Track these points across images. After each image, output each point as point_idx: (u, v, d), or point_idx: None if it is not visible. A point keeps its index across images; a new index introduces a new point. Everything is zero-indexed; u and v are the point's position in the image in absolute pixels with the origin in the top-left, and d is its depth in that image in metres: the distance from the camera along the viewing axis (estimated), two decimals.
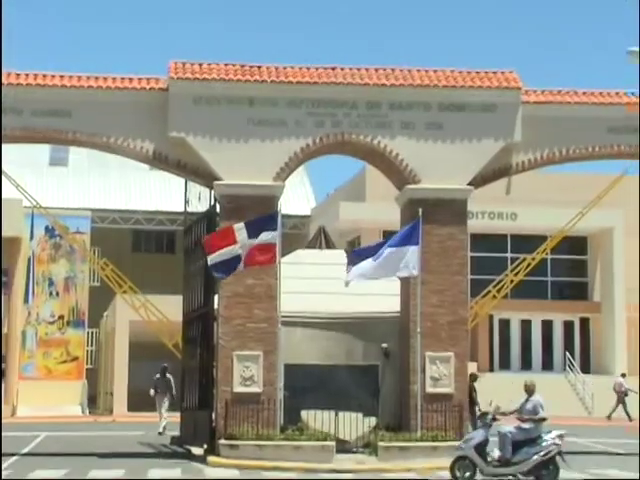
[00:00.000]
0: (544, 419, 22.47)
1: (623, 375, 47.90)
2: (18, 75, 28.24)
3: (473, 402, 35.14)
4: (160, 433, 33.14)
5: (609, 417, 45.97)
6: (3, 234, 51.56)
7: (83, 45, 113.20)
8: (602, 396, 50.74)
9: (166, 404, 34.10)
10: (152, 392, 35.56)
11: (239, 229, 26.14)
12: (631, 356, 55.30)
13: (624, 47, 33.96)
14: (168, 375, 34.85)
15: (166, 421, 33.80)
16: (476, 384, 35.02)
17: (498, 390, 48.88)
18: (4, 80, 27.77)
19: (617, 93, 29.77)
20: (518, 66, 29.64)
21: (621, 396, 44.61)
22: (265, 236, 26.21)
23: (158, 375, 35.30)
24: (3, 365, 53.06)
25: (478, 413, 34.90)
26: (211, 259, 26.36)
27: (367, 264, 26.63)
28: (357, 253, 27.95)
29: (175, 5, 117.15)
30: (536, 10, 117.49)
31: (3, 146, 31.91)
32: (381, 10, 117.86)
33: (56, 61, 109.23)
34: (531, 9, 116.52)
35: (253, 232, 26.23)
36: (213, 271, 26.79)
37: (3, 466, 25.02)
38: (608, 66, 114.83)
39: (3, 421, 45.27)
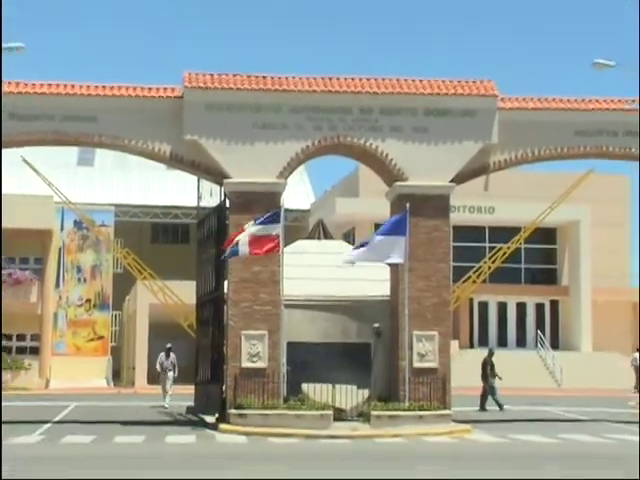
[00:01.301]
0: None
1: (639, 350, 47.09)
2: (50, 85, 28.21)
3: (486, 376, 35.22)
4: (165, 407, 32.97)
5: (636, 388, 44.78)
6: (37, 227, 51.75)
7: (102, 56, 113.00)
8: (570, 370, 50.90)
9: (170, 381, 33.91)
10: (158, 368, 35.35)
11: (250, 227, 26.17)
12: (596, 334, 55.44)
13: (594, 57, 33.92)
14: (172, 355, 34.67)
15: (169, 396, 33.59)
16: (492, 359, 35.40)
17: (478, 364, 49.10)
18: (34, 89, 27.79)
19: (583, 100, 29.69)
20: (497, 75, 29.65)
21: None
22: (270, 228, 26.20)
23: (163, 354, 35.12)
24: (36, 344, 53.23)
25: (492, 381, 35.19)
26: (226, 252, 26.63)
27: (361, 251, 26.77)
28: (359, 244, 28.09)
29: (188, 20, 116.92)
30: (516, 24, 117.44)
31: (36, 148, 31.95)
32: (373, 24, 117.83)
33: (80, 71, 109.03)
34: (511, 23, 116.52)
35: (259, 224, 26.22)
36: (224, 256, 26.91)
37: (38, 431, 25.15)
38: (580, 74, 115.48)
39: (38, 392, 45.53)
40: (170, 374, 33.89)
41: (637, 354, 42.47)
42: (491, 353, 37.30)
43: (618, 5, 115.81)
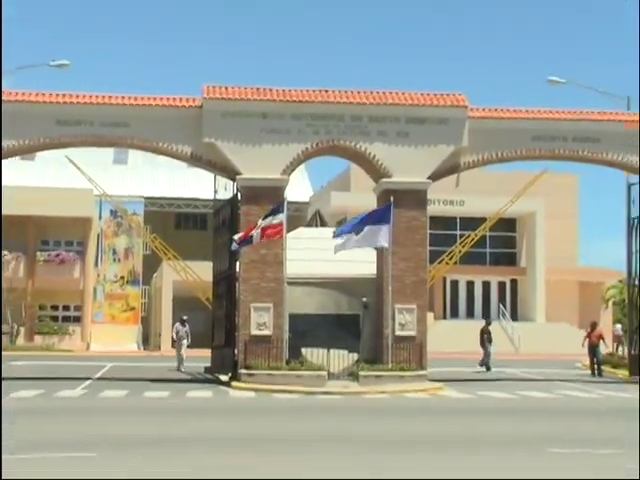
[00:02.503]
0: None
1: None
2: (90, 96, 28.17)
3: (484, 342, 35.28)
4: (181, 370, 32.66)
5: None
6: (79, 215, 51.81)
7: (131, 69, 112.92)
8: (526, 338, 51.04)
9: (184, 347, 33.33)
10: (174, 336, 34.67)
11: (259, 222, 26.24)
12: (548, 308, 55.59)
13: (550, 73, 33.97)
14: (187, 325, 34.08)
15: (184, 361, 33.08)
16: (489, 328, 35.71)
17: (450, 332, 49.43)
18: (85, 99, 27.83)
19: (539, 110, 29.66)
20: (470, 87, 29.62)
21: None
22: (275, 218, 26.27)
23: (179, 324, 34.49)
24: (78, 313, 53.23)
25: (489, 347, 35.19)
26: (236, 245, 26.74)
27: (351, 237, 26.73)
28: (340, 230, 27.92)
29: (203, 37, 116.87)
30: (486, 42, 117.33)
31: (79, 149, 31.95)
32: (364, 42, 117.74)
33: (111, 81, 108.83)
34: (482, 41, 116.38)
35: (266, 216, 26.30)
36: (236, 246, 26.97)
37: (81, 387, 25.27)
38: (539, 87, 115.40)
39: (80, 354, 45.63)
40: (184, 342, 33.49)
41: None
42: (488, 323, 37.15)
43: (576, 24, 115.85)
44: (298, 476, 11.37)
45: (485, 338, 35.59)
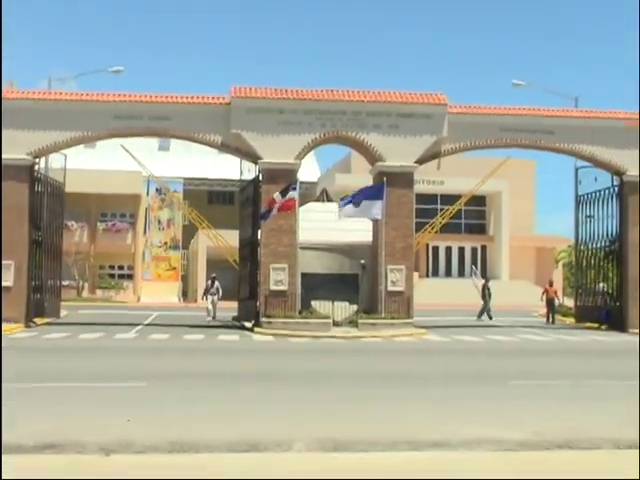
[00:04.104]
0: None
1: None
2: (140, 95, 27.97)
3: (485, 295, 35.17)
4: (212, 319, 31.97)
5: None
6: (130, 192, 51.88)
7: (169, 69, 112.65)
8: (493, 292, 50.88)
9: (215, 302, 32.44)
10: (203, 293, 33.64)
11: (277, 196, 26.23)
12: (511, 268, 55.61)
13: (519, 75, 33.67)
14: (216, 282, 33.10)
15: (212, 313, 32.29)
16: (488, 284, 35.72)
17: (431, 288, 49.50)
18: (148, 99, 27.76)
19: (506, 107, 29.42)
20: (450, 87, 29.40)
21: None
22: (290, 194, 26.24)
23: (209, 282, 33.57)
24: (131, 272, 53.34)
25: (488, 300, 34.89)
26: (262, 214, 26.80)
27: (351, 208, 26.66)
28: (344, 201, 27.87)
29: (231, 44, 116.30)
30: (465, 49, 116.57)
31: (131, 139, 31.82)
32: (363, 50, 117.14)
33: (155, 81, 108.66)
34: (462, 46, 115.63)
35: (283, 193, 26.28)
36: (262, 219, 27.03)
37: (133, 331, 25.40)
38: (508, 86, 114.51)
39: (132, 305, 45.85)
40: (215, 297, 32.62)
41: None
42: (487, 280, 37.02)
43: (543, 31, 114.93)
44: (290, 403, 11.39)
45: (486, 293, 35.48)
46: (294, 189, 26.34)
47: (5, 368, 12.86)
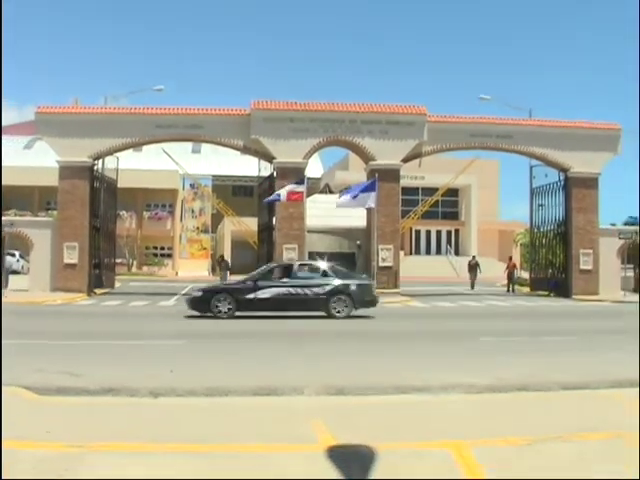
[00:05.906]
0: None
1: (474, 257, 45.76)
2: (175, 108, 27.93)
3: (473, 270, 35.10)
4: None
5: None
6: (169, 187, 51.79)
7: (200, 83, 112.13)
8: (463, 267, 50.67)
9: (227, 277, 32.31)
10: (218, 267, 33.47)
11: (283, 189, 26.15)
12: (479, 247, 55.54)
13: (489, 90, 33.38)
14: (226, 259, 32.68)
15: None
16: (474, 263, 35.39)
17: (414, 264, 49.48)
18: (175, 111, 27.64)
19: (475, 117, 29.30)
20: (428, 98, 29.33)
21: (474, 268, 39.82)
22: (299, 187, 26.20)
23: (220, 259, 33.08)
24: (170, 252, 53.25)
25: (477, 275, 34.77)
26: (268, 200, 26.71)
27: (349, 199, 26.59)
28: (342, 194, 27.82)
29: (250, 62, 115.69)
30: (443, 63, 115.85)
31: (170, 143, 31.71)
32: (358, 67, 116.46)
33: (188, 92, 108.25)
34: (441, 62, 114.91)
35: (294, 185, 26.22)
36: (267, 202, 26.98)
37: (173, 299, 25.37)
38: (476, 99, 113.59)
39: (172, 278, 45.88)
40: (227, 273, 32.34)
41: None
42: (474, 257, 37.06)
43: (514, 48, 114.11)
44: (304, 356, 11.42)
45: (475, 268, 35.51)
46: (302, 183, 26.31)
47: (73, 329, 12.90)
